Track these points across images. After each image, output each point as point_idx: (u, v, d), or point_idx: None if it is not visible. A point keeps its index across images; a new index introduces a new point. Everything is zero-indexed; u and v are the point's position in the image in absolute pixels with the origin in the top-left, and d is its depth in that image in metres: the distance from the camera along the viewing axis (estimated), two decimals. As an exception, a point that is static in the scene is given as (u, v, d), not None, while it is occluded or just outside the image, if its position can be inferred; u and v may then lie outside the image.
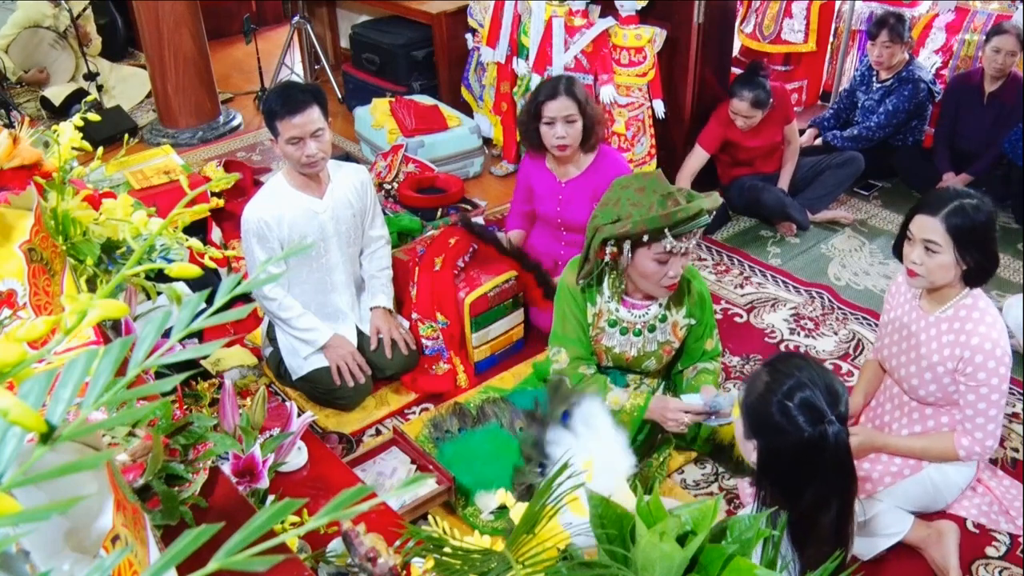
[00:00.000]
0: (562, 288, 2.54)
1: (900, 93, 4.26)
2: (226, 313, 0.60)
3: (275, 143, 2.72)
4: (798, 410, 1.68)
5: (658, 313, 2.50)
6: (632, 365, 2.59)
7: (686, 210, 2.21)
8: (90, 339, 1.26)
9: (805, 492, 1.71)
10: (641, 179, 2.32)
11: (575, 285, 2.49)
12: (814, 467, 1.71)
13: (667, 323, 2.52)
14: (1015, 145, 4.00)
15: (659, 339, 2.53)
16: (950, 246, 2.13)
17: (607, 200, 2.33)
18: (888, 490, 2.35)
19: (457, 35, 4.86)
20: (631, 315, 2.49)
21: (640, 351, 2.54)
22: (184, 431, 1.51)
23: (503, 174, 4.68)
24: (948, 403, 2.29)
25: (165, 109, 5.14)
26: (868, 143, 4.31)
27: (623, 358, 2.56)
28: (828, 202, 4.19)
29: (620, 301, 2.48)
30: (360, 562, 1.48)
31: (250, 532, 0.47)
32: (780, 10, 5.13)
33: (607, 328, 2.51)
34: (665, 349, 2.56)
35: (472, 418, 2.72)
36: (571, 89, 3.01)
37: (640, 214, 2.22)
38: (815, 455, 1.70)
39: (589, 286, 2.48)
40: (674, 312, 2.52)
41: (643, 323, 2.50)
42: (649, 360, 2.57)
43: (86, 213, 1.65)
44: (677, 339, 2.56)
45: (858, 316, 3.42)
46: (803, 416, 1.68)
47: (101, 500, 0.87)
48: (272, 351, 3.00)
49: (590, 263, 2.41)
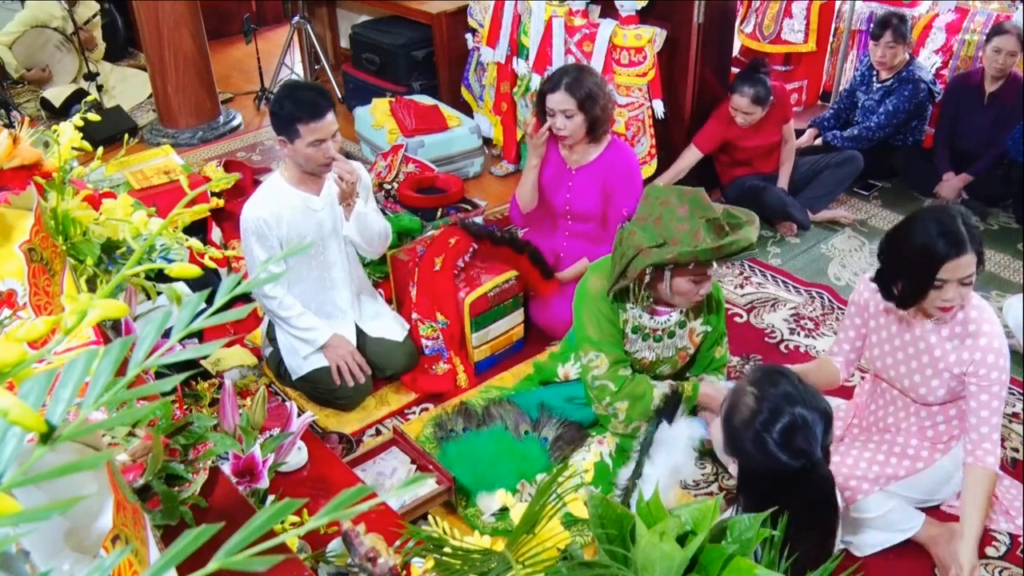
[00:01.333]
0: (590, 293, 2.50)
1: (900, 93, 4.26)
2: (226, 313, 0.60)
3: (285, 144, 2.70)
4: (778, 443, 1.66)
5: (678, 319, 2.51)
6: (647, 370, 2.60)
7: (738, 243, 2.22)
8: (90, 339, 1.26)
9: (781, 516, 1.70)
10: (682, 197, 2.28)
11: (604, 291, 2.45)
12: (793, 495, 1.69)
13: (685, 329, 2.54)
14: (1018, 144, 4.00)
15: (677, 345, 2.55)
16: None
17: (646, 215, 2.31)
18: (901, 481, 2.34)
19: (457, 35, 4.85)
20: (654, 322, 2.50)
21: (658, 356, 2.55)
22: (184, 431, 1.51)
23: (503, 174, 4.68)
24: (953, 400, 2.31)
25: (165, 109, 5.14)
26: (868, 143, 4.31)
27: (640, 363, 2.57)
28: (828, 202, 4.19)
29: (648, 310, 2.48)
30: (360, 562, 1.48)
31: (250, 532, 0.47)
32: (780, 10, 5.13)
33: (630, 334, 2.52)
34: (681, 355, 2.58)
35: (477, 419, 2.72)
36: (572, 85, 3.01)
37: (689, 242, 2.21)
38: (795, 484, 1.69)
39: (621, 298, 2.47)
40: (692, 319, 2.54)
41: (663, 329, 2.51)
42: (664, 366, 2.58)
43: (86, 213, 1.65)
44: (693, 345, 2.58)
45: (858, 316, 3.42)
46: (784, 449, 1.67)
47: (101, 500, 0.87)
48: (272, 351, 3.00)
49: (627, 280, 2.35)
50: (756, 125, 3.92)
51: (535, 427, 2.65)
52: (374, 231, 2.85)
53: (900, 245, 2.15)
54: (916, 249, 2.08)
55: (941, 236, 2.05)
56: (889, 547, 2.34)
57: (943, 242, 2.04)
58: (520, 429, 2.64)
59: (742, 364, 3.17)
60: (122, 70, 5.97)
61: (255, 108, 5.68)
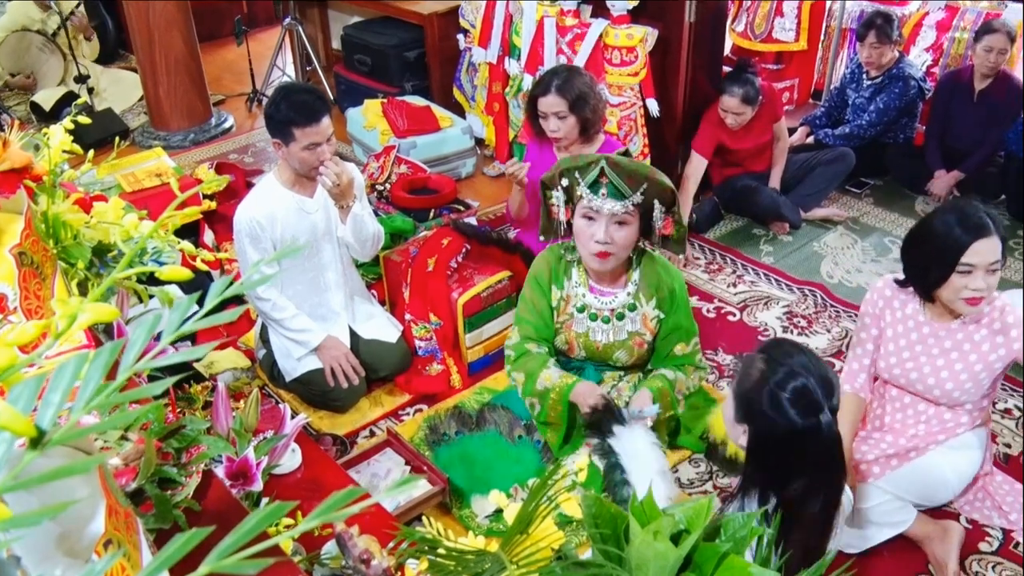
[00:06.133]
0: (529, 274, 2.64)
1: (891, 91, 4.27)
2: (217, 316, 0.60)
3: (279, 147, 2.70)
4: (791, 400, 1.68)
5: (626, 301, 2.52)
6: (603, 355, 2.60)
7: (585, 157, 2.35)
8: (82, 343, 1.26)
9: (793, 480, 1.71)
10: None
11: (542, 269, 2.59)
12: (804, 457, 1.71)
13: (637, 313, 2.54)
14: (1019, 138, 4.00)
15: (628, 328, 2.55)
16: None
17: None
18: (892, 474, 2.33)
19: (449, 36, 4.85)
20: (598, 301, 2.53)
21: (610, 339, 2.55)
22: (177, 434, 1.51)
23: (495, 174, 4.68)
24: (979, 397, 2.28)
25: (156, 111, 5.13)
26: (860, 141, 4.32)
27: (593, 347, 2.58)
28: (820, 199, 4.19)
29: (588, 287, 2.53)
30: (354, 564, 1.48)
31: (241, 535, 0.46)
32: (771, 9, 5.14)
33: (576, 313, 2.56)
34: (636, 341, 2.56)
35: (471, 423, 2.71)
36: (562, 87, 3.02)
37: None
38: (806, 445, 1.70)
39: (559, 272, 2.56)
40: (644, 303, 2.53)
41: (610, 310, 2.53)
42: (620, 351, 2.57)
43: (77, 216, 1.64)
44: (648, 331, 2.56)
45: (851, 313, 3.43)
46: (796, 407, 1.68)
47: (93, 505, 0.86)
48: (265, 353, 3.00)
49: (543, 219, 2.58)
50: (747, 125, 3.92)
51: (528, 431, 2.65)
52: (368, 233, 2.85)
53: (923, 237, 2.16)
54: (939, 235, 2.09)
55: (963, 220, 2.06)
56: (883, 544, 2.33)
57: (967, 225, 2.06)
58: (514, 433, 2.64)
59: (735, 363, 3.17)
60: (113, 72, 5.95)
61: (247, 110, 5.67)
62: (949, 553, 2.28)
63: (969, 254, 2.06)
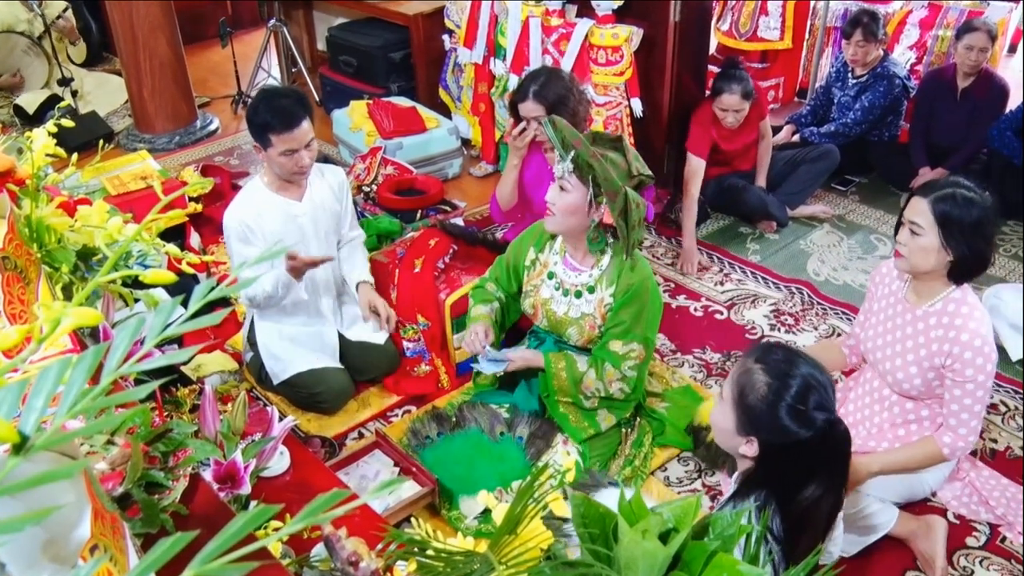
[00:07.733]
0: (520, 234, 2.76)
1: (875, 89, 4.29)
2: (201, 319, 0.59)
3: (259, 150, 2.69)
4: (815, 412, 1.68)
5: (588, 283, 2.55)
6: (558, 328, 2.63)
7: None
8: (67, 347, 1.25)
9: (808, 485, 1.71)
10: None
11: (529, 232, 2.73)
12: (821, 460, 1.72)
13: (594, 296, 2.55)
14: (1002, 135, 4.02)
15: (583, 309, 2.56)
16: (934, 231, 2.13)
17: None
18: (872, 480, 2.35)
19: (434, 36, 4.85)
20: (567, 275, 2.58)
21: (566, 313, 2.59)
22: (164, 438, 1.50)
23: (482, 175, 4.68)
24: (930, 396, 2.31)
25: (141, 114, 5.10)
26: (845, 139, 4.34)
27: (552, 316, 2.62)
28: (805, 197, 4.21)
29: (563, 258, 2.60)
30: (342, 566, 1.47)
31: (226, 539, 0.46)
32: (756, 8, 5.16)
33: (546, 279, 2.62)
34: (588, 323, 2.56)
35: (451, 423, 2.71)
36: (539, 92, 3.01)
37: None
38: (823, 449, 1.71)
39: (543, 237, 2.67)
40: (603, 288, 2.54)
41: (573, 286, 2.57)
42: (572, 328, 2.59)
43: (61, 220, 1.63)
44: (600, 317, 2.56)
45: (838, 311, 3.45)
46: (820, 418, 1.69)
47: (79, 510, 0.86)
48: (253, 356, 2.99)
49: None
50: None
51: (510, 427, 2.64)
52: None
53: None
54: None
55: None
56: (871, 545, 2.34)
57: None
58: (496, 430, 2.63)
59: (723, 361, 3.18)
60: (97, 75, 5.92)
61: (232, 112, 5.65)
62: (935, 549, 2.29)
63: (907, 206, 2.20)
